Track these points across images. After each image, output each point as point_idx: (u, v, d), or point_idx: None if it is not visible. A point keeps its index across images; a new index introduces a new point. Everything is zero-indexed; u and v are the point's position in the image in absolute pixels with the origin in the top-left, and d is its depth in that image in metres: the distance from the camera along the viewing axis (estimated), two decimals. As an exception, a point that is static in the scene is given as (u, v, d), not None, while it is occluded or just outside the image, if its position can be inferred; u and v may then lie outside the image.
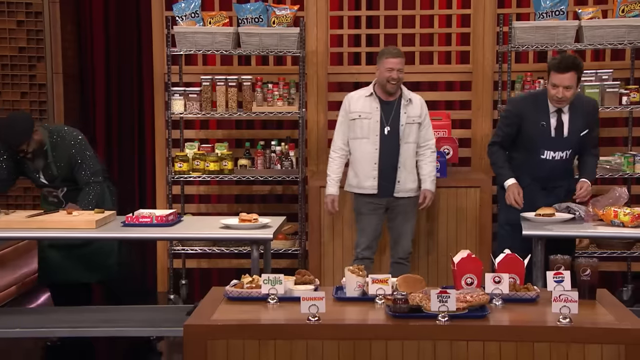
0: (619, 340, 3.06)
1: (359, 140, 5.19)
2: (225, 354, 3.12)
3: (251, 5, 6.13)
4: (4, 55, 7.20)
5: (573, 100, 4.82)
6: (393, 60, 5.08)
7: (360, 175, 5.21)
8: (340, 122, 5.30)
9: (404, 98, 5.20)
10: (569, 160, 4.95)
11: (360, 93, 5.29)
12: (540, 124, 4.84)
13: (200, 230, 4.64)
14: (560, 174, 4.95)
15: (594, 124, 4.94)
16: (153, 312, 5.05)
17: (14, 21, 7.18)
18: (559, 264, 3.51)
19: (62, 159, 5.11)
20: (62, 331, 4.62)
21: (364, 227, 5.27)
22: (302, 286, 3.53)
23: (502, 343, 3.09)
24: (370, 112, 5.16)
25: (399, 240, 5.30)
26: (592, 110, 4.95)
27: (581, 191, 4.82)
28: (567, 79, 4.68)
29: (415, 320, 3.14)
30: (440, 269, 5.77)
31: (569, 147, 4.88)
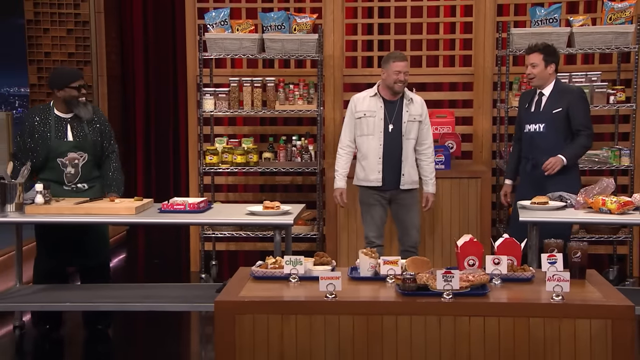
0: (606, 315, 3.03)
1: (365, 137, 5.08)
2: (252, 327, 3.12)
3: (275, 14, 6.11)
4: (55, 59, 7.25)
5: (558, 86, 5.01)
6: (400, 63, 4.99)
7: (367, 169, 5.10)
8: (347, 121, 5.16)
9: (405, 97, 5.11)
10: (545, 135, 4.93)
11: (364, 94, 5.17)
12: (525, 105, 5.10)
13: (229, 216, 4.63)
14: (539, 147, 4.93)
15: (575, 106, 4.90)
16: (187, 289, 5.05)
17: (64, 29, 7.23)
18: (552, 247, 3.48)
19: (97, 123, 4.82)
20: (108, 306, 4.63)
21: (371, 217, 5.13)
22: (320, 267, 3.51)
23: (500, 318, 3.06)
24: (375, 110, 5.06)
25: (407, 231, 5.14)
26: (572, 94, 4.96)
27: (546, 163, 4.83)
28: (532, 58, 4.97)
29: (423, 298, 3.12)
30: (445, 252, 5.74)
31: (542, 120, 4.95)
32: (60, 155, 4.72)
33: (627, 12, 5.80)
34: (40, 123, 4.72)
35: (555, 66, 5.00)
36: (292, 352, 3.11)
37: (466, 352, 3.07)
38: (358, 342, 3.10)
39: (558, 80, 5.06)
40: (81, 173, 4.79)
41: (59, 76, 4.79)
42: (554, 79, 5.01)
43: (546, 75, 4.97)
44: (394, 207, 5.17)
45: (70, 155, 4.73)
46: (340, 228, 5.86)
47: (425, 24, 6.59)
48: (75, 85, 4.72)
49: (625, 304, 3.06)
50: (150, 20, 7.61)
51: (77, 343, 4.95)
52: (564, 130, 4.93)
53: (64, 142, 4.73)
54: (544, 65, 4.94)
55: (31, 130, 4.71)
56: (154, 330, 5.08)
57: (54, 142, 4.71)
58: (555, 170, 4.81)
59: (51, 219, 4.47)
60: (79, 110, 4.74)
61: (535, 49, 4.99)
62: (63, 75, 4.78)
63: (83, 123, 4.78)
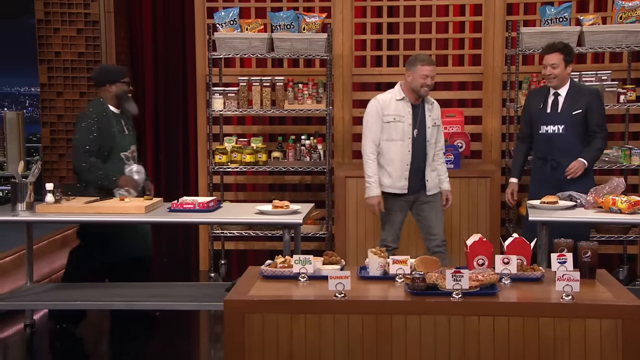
0: (616, 315, 3.02)
1: (394, 142, 4.87)
2: (261, 326, 3.13)
3: (284, 13, 6.12)
4: (65, 59, 7.27)
5: (574, 86, 4.98)
6: (428, 67, 4.78)
7: (394, 175, 4.87)
8: (372, 124, 4.87)
9: (427, 102, 4.93)
10: (565, 136, 4.90)
11: (388, 96, 4.90)
12: (539, 105, 5.03)
13: (238, 215, 4.64)
14: (559, 149, 4.91)
15: (593, 108, 4.89)
16: (196, 288, 5.06)
17: (74, 29, 7.25)
18: (562, 247, 3.47)
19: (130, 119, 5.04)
20: (117, 304, 4.65)
21: (390, 223, 4.99)
22: (329, 266, 3.52)
23: (510, 318, 3.06)
24: (404, 115, 4.84)
25: (431, 230, 4.98)
26: (590, 95, 4.94)
27: (569, 167, 4.83)
28: (552, 58, 4.90)
29: (432, 297, 3.12)
30: (454, 251, 5.73)
31: (561, 122, 4.92)
32: (124, 149, 4.89)
33: (638, 11, 5.77)
34: (102, 118, 4.84)
35: (572, 65, 5.00)
36: (301, 351, 3.11)
37: (475, 352, 3.06)
38: (367, 341, 3.10)
39: (572, 80, 5.04)
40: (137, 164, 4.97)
41: (110, 72, 4.99)
42: (569, 79, 5.00)
43: (565, 76, 4.95)
44: (416, 208, 5.01)
45: (132, 148, 4.95)
46: (349, 227, 5.86)
47: (434, 23, 6.57)
48: (126, 81, 4.92)
49: (636, 304, 3.04)
50: (159, 19, 7.62)
51: (86, 342, 4.97)
52: (581, 131, 4.92)
53: (125, 136, 4.93)
54: (564, 66, 4.91)
55: (98, 126, 4.81)
56: (163, 329, 5.09)
57: (118, 137, 4.88)
58: (578, 174, 4.81)
59: (62, 217, 4.49)
60: (129, 105, 4.93)
61: (555, 49, 4.92)
62: (114, 71, 4.99)
63: (128, 118, 4.95)
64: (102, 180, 4.79)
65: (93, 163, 4.77)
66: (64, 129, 7.36)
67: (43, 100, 7.32)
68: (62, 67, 7.25)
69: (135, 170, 4.82)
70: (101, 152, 4.81)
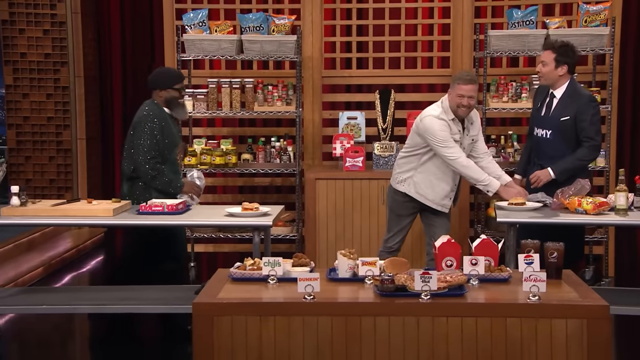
0: (582, 315, 3.06)
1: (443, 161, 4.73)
2: (230, 328, 3.12)
3: (253, 15, 6.11)
4: (31, 60, 7.17)
5: (570, 90, 4.80)
6: (466, 87, 4.58)
7: (440, 192, 4.78)
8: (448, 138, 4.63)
9: (468, 120, 4.76)
10: (552, 142, 4.79)
11: (446, 116, 4.67)
12: (538, 104, 4.95)
13: (207, 218, 4.62)
14: (545, 154, 4.83)
15: (581, 115, 4.72)
16: (165, 291, 5.02)
17: (40, 30, 7.16)
18: (529, 248, 3.50)
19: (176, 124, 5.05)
20: (84, 308, 4.60)
21: (400, 227, 4.92)
22: (298, 268, 3.52)
23: (478, 318, 3.08)
24: (458, 134, 4.72)
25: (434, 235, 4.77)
26: (581, 101, 4.76)
27: (532, 175, 4.76)
28: (543, 55, 4.83)
29: (401, 299, 3.13)
30: (424, 253, 5.76)
31: (549, 126, 4.80)
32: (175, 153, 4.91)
33: (602, 15, 5.86)
34: (162, 120, 4.79)
35: (568, 67, 4.77)
36: (270, 353, 3.11)
37: (444, 353, 3.08)
38: (336, 343, 3.10)
39: (573, 83, 4.84)
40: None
41: (165, 76, 4.89)
42: (566, 81, 4.80)
43: (555, 76, 4.77)
44: (427, 217, 4.94)
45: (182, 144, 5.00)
46: (320, 229, 5.87)
47: (403, 25, 6.61)
48: (178, 87, 4.84)
49: (601, 304, 3.09)
50: (127, 21, 7.56)
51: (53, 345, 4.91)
52: (570, 138, 4.76)
53: (180, 138, 4.96)
54: (554, 66, 4.74)
55: (160, 129, 4.74)
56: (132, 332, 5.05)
57: (177, 138, 4.90)
58: (540, 184, 4.72)
59: (28, 221, 4.43)
60: (178, 111, 4.88)
61: (548, 47, 4.82)
62: (169, 76, 4.89)
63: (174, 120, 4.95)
64: (166, 186, 4.74)
65: (159, 170, 4.71)
66: (30, 131, 7.27)
67: (9, 101, 7.21)
68: (28, 69, 7.16)
69: (196, 177, 4.86)
70: (164, 156, 4.76)
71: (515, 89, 6.09)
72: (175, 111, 4.85)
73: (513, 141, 6.13)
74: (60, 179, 7.34)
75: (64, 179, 7.35)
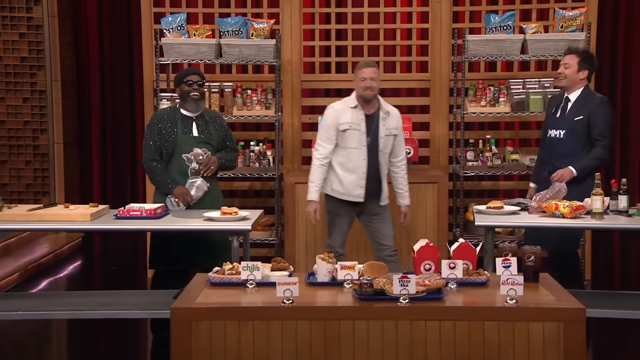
0: (558, 318, 3.09)
1: (350, 149, 4.86)
2: (209, 333, 3.11)
3: (232, 19, 6.10)
4: (7, 64, 7.12)
5: (585, 94, 4.96)
6: (366, 70, 4.84)
7: (350, 184, 4.89)
8: (327, 132, 4.89)
9: (382, 110, 4.93)
10: (565, 142, 4.91)
11: (343, 105, 4.93)
12: (552, 110, 5.09)
13: (185, 222, 4.60)
14: (558, 154, 4.93)
15: (595, 116, 4.85)
16: (143, 296, 5.00)
17: (16, 33, 7.11)
18: (506, 252, 3.53)
19: (216, 123, 4.92)
20: (60, 314, 4.56)
21: (340, 228, 5.00)
22: (277, 272, 3.52)
23: (456, 322, 3.10)
24: (358, 123, 4.86)
25: (383, 239, 5.02)
26: (594, 103, 4.91)
27: (555, 174, 4.83)
28: (567, 58, 4.98)
29: (379, 303, 3.14)
30: (402, 256, 5.78)
31: (563, 127, 4.93)
32: (186, 151, 4.81)
33: (578, 20, 5.93)
34: (167, 120, 4.83)
35: (588, 74, 4.96)
36: (249, 358, 3.10)
37: (422, 356, 3.10)
38: (315, 347, 3.10)
39: (587, 89, 5.00)
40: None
41: (176, 76, 4.95)
42: (583, 86, 4.96)
43: (576, 79, 4.94)
44: (366, 218, 5.03)
45: (196, 151, 4.82)
46: (299, 233, 5.87)
47: (382, 30, 6.64)
48: (187, 81, 4.84)
49: (577, 307, 3.12)
50: (105, 24, 7.53)
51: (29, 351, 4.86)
52: (583, 138, 4.87)
53: (190, 137, 4.82)
54: (577, 69, 4.93)
55: (159, 129, 4.79)
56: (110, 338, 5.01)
57: (180, 138, 4.80)
58: (563, 181, 4.76)
59: (4, 226, 4.39)
60: (187, 106, 4.86)
61: (573, 51, 5.01)
62: (178, 75, 4.94)
63: (208, 121, 4.89)
64: (157, 185, 4.82)
65: (150, 168, 4.81)
66: (6, 135, 7.21)
67: (-15, 106, 7.15)
68: (4, 72, 7.10)
69: (196, 185, 4.75)
70: (165, 154, 4.81)
71: (493, 93, 6.13)
72: (186, 106, 4.88)
73: (491, 145, 6.18)
74: (37, 183, 7.28)
75: (40, 184, 7.29)
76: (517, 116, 6.18)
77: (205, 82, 4.99)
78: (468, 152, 6.14)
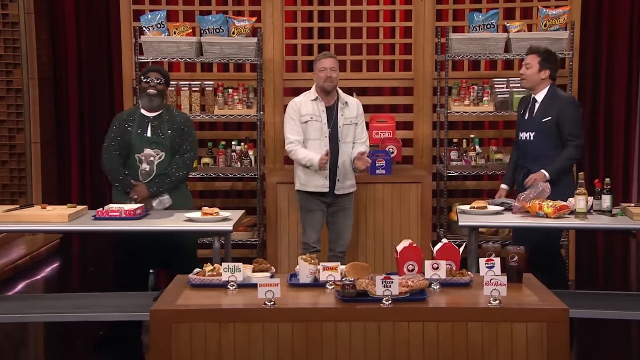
0: (542, 318, 3.11)
1: (312, 141, 5.09)
2: (189, 336, 3.10)
3: (213, 17, 6.09)
4: (-18, 62, 7.05)
5: (552, 94, 5.00)
6: (325, 60, 5.07)
7: (312, 174, 5.09)
8: (291, 124, 5.09)
9: (340, 101, 5.14)
10: (535, 144, 4.95)
11: (304, 98, 5.16)
12: (521, 111, 5.15)
13: (166, 223, 4.59)
14: (530, 156, 4.98)
15: (564, 115, 4.89)
16: (123, 298, 4.96)
17: (-8, 31, 7.04)
18: (490, 252, 3.55)
19: (174, 124, 4.87)
20: (37, 317, 4.52)
21: (313, 224, 5.15)
22: (259, 274, 3.51)
23: (439, 323, 3.12)
24: (319, 115, 5.09)
25: (340, 235, 5.21)
26: (562, 103, 4.95)
27: (528, 179, 4.88)
28: (528, 59, 5.05)
29: (362, 304, 3.15)
30: (386, 257, 5.80)
31: (532, 129, 4.99)
32: (138, 151, 4.81)
33: (562, 19, 5.98)
34: (125, 120, 4.86)
35: (550, 73, 5.01)
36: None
37: (406, 358, 3.11)
38: (297, 349, 3.11)
39: (553, 88, 5.04)
40: (156, 172, 4.83)
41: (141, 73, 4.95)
42: (547, 86, 5.02)
43: (538, 80, 5.00)
44: (331, 211, 5.21)
45: (147, 152, 4.81)
46: (281, 234, 5.86)
47: (365, 28, 6.65)
48: (146, 78, 4.85)
49: (561, 307, 3.15)
50: (83, 22, 7.48)
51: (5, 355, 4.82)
52: (553, 139, 4.92)
53: (143, 138, 4.82)
54: (538, 69, 4.98)
55: (120, 131, 4.83)
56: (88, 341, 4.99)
57: (134, 138, 4.81)
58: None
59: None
60: (144, 102, 4.86)
61: (534, 51, 5.05)
62: (143, 71, 4.95)
63: (165, 122, 4.85)
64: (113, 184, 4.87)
65: (106, 167, 4.86)
66: (-18, 135, 7.14)
67: (-40, 104, 7.09)
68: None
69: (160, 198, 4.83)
70: (123, 154, 4.83)
71: (477, 93, 6.17)
72: (143, 101, 4.89)
73: (475, 145, 6.21)
74: (13, 184, 7.22)
75: (17, 184, 7.23)
76: (501, 115, 6.21)
77: (164, 81, 4.94)
78: (452, 152, 6.17)
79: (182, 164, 4.90)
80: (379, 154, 5.82)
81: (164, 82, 4.91)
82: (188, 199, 5.09)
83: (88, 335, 4.99)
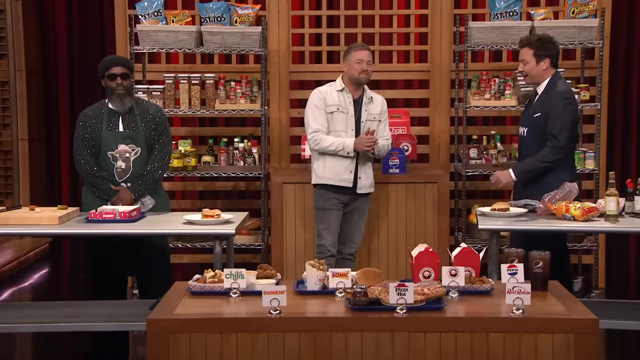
0: (569, 329, 3.10)
1: (337, 133, 5.13)
2: (188, 347, 3.11)
3: (214, 4, 6.11)
4: (-34, 52, 7.09)
5: (548, 87, 4.92)
6: (362, 52, 5.14)
7: (338, 168, 5.13)
8: (315, 112, 5.12)
9: (365, 96, 5.22)
10: (527, 139, 4.95)
11: (329, 88, 5.22)
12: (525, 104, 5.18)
13: (164, 226, 4.61)
14: (522, 153, 5.02)
15: (550, 112, 4.81)
16: (117, 307, 4.99)
17: (-24, 19, 7.08)
18: (512, 257, 3.55)
19: (147, 116, 4.83)
20: (25, 327, 4.55)
21: (329, 224, 5.18)
22: (263, 280, 3.52)
23: (457, 334, 3.11)
24: (345, 106, 5.16)
25: (351, 237, 5.27)
26: (553, 99, 4.85)
27: (492, 176, 5.00)
28: (522, 53, 4.98)
29: (374, 313, 3.15)
30: (400, 263, 5.81)
31: (526, 124, 4.99)
32: (111, 148, 4.76)
33: (591, 6, 5.96)
34: (93, 117, 4.80)
35: (550, 60, 4.90)
36: (232, 374, 3.11)
37: (421, 371, 3.11)
38: (305, 362, 3.11)
39: (554, 79, 4.93)
40: (132, 169, 4.79)
41: (100, 64, 4.85)
42: (550, 75, 4.93)
43: (539, 72, 4.92)
44: (347, 210, 5.25)
45: (121, 148, 4.77)
46: (287, 238, 5.88)
47: (377, 16, 6.66)
48: (111, 74, 4.76)
49: (589, 317, 3.14)
50: (74, 10, 7.51)
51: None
52: (542, 136, 4.85)
53: (115, 133, 4.77)
54: (536, 61, 4.91)
55: (86, 128, 4.77)
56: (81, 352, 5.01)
57: (104, 134, 4.76)
58: (499, 185, 4.96)
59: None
60: (113, 102, 4.79)
61: (524, 44, 4.97)
62: (101, 65, 4.84)
63: (137, 115, 4.81)
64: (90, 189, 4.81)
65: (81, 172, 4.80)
66: (-34, 129, 7.19)
67: (-58, 97, 7.13)
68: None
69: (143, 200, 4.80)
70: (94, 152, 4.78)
71: (498, 86, 6.16)
72: (113, 103, 4.81)
73: (496, 142, 6.21)
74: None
75: (3, 184, 7.27)
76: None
77: (131, 73, 4.88)
78: (471, 150, 6.17)
79: (161, 160, 4.88)
80: (392, 152, 5.82)
81: (129, 76, 4.84)
82: (165, 198, 5.09)
83: (79, 346, 5.01)
